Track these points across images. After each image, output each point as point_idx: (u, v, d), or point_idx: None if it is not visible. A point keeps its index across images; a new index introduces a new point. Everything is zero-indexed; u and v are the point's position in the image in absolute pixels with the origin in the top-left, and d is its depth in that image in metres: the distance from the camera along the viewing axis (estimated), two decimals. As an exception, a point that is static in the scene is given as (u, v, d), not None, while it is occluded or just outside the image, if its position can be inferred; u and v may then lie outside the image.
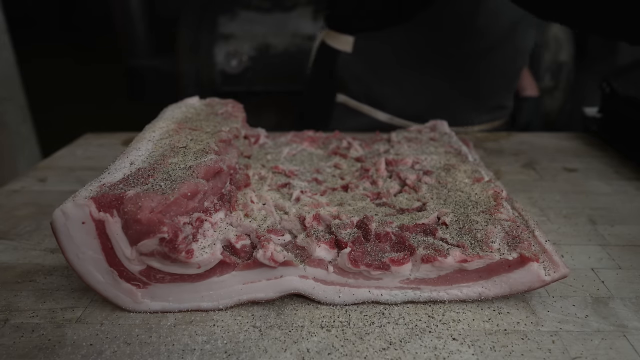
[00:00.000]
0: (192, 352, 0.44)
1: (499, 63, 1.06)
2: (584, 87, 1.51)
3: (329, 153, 0.77)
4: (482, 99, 1.11)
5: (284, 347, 0.44)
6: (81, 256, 0.46)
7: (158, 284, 0.48)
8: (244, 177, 0.62)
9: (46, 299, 0.51)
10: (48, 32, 3.84)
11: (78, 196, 0.45)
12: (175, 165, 0.52)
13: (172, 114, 0.69)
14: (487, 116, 1.14)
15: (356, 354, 0.43)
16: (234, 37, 2.18)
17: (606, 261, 0.58)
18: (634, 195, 0.75)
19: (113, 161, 0.54)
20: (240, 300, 0.49)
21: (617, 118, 0.96)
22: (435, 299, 0.50)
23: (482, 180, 0.62)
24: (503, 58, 1.06)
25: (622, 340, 0.45)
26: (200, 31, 2.18)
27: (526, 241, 0.49)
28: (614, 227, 0.66)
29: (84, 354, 0.44)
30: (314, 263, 0.49)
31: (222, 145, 0.61)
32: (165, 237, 0.44)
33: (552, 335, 0.45)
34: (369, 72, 1.08)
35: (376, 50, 1.06)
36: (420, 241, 0.50)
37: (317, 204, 0.58)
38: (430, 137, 0.79)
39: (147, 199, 0.44)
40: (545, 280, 0.48)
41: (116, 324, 0.47)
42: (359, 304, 0.50)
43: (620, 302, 0.50)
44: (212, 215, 0.50)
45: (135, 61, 2.90)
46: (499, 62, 1.06)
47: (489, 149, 0.96)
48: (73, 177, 0.84)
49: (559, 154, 0.94)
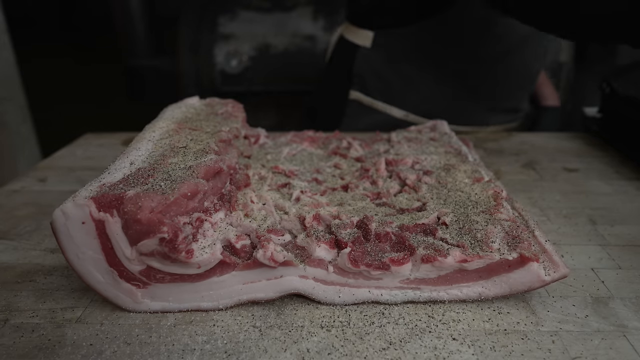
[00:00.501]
0: (192, 352, 0.44)
1: (515, 66, 1.06)
2: (584, 87, 1.51)
3: (329, 153, 0.77)
4: (497, 100, 1.11)
5: (284, 347, 0.44)
6: (81, 256, 0.46)
7: (158, 284, 0.48)
8: (244, 177, 0.62)
9: (46, 299, 0.51)
10: (48, 32, 3.84)
11: (78, 196, 0.45)
12: (175, 165, 0.52)
13: (172, 114, 0.69)
14: (501, 117, 1.14)
15: (356, 354, 0.43)
16: (234, 37, 2.18)
17: (606, 261, 0.58)
18: (635, 195, 0.75)
19: (113, 161, 0.54)
20: (240, 300, 0.49)
21: (617, 118, 0.96)
22: (435, 299, 0.50)
23: (482, 180, 0.62)
24: (521, 61, 1.06)
25: (622, 340, 0.45)
26: (200, 31, 2.18)
27: (526, 241, 0.49)
28: (614, 227, 0.66)
29: (84, 354, 0.44)
30: (314, 263, 0.49)
31: (222, 145, 0.61)
32: (165, 237, 0.44)
33: (552, 335, 0.45)
34: (387, 68, 1.08)
35: (395, 46, 1.06)
36: (420, 241, 0.50)
37: (317, 204, 0.58)
38: (430, 137, 0.79)
39: (147, 199, 0.44)
40: (545, 280, 0.48)
41: (116, 324, 0.47)
42: (359, 304, 0.50)
43: (620, 302, 0.50)
44: (212, 215, 0.50)
45: (135, 61, 2.89)
46: (516, 65, 1.06)
47: (489, 149, 0.96)
48: (73, 177, 0.84)
49: (559, 154, 0.94)
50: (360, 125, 1.04)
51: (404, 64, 1.07)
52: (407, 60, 1.06)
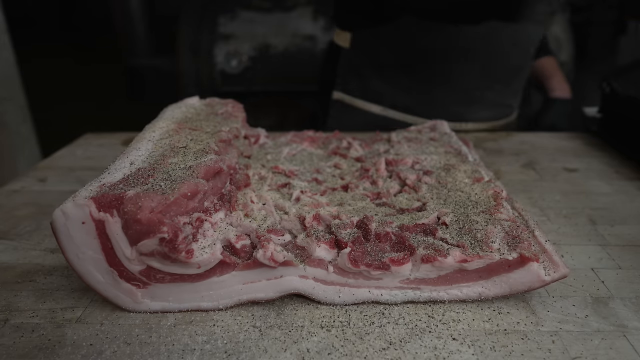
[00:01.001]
0: (192, 352, 0.44)
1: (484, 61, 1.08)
2: (584, 87, 1.51)
3: (329, 153, 0.77)
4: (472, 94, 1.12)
5: (284, 347, 0.44)
6: (81, 256, 0.46)
7: (158, 284, 0.48)
8: (244, 177, 0.62)
9: (46, 299, 0.51)
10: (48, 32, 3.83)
11: (78, 196, 0.45)
12: (175, 165, 0.52)
13: (172, 114, 0.69)
14: (484, 113, 1.14)
15: (356, 354, 0.43)
16: (234, 37, 2.18)
17: (606, 261, 0.58)
18: (634, 195, 0.75)
19: (113, 161, 0.54)
20: (240, 300, 0.49)
21: (617, 118, 0.96)
22: (435, 299, 0.50)
23: (482, 180, 0.62)
24: (488, 56, 1.08)
25: (622, 340, 0.45)
26: (200, 31, 2.18)
27: (526, 241, 0.49)
28: (614, 227, 0.66)
29: (84, 354, 0.44)
30: (314, 263, 0.48)
31: (222, 145, 0.61)
32: (165, 237, 0.44)
33: (552, 335, 0.45)
34: (365, 67, 1.13)
35: (370, 46, 1.11)
36: (420, 241, 0.50)
37: (317, 204, 0.58)
38: (430, 137, 0.79)
39: (147, 199, 0.44)
40: (545, 280, 0.48)
41: (116, 324, 0.47)
42: (359, 304, 0.50)
43: (620, 302, 0.50)
44: (212, 215, 0.50)
45: (135, 61, 2.89)
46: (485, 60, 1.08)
47: (489, 149, 0.96)
48: (73, 177, 0.84)
49: (559, 154, 0.94)
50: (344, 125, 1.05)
51: (379, 62, 1.11)
52: (381, 59, 1.11)
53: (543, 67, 1.27)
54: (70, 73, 3.35)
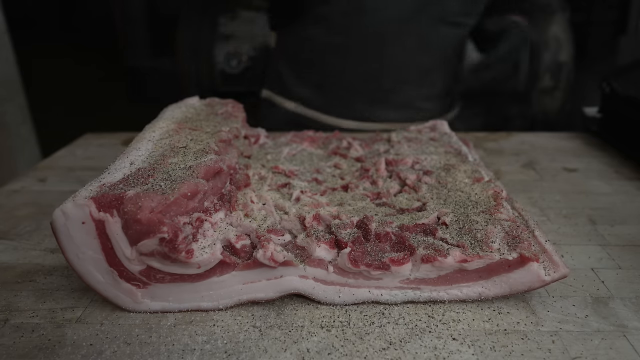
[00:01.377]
0: (192, 352, 0.44)
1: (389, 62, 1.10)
2: (584, 87, 1.51)
3: (329, 153, 0.77)
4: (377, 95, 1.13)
5: (284, 347, 0.44)
6: (81, 256, 0.46)
7: (158, 284, 0.48)
8: (244, 177, 0.62)
9: (46, 299, 0.51)
10: (48, 32, 3.83)
11: (78, 196, 0.45)
12: (175, 165, 0.52)
13: (172, 114, 0.69)
14: (396, 114, 1.14)
15: (356, 354, 0.43)
16: (234, 37, 2.18)
17: (606, 261, 0.58)
18: (634, 195, 0.75)
19: (113, 161, 0.54)
20: (240, 300, 0.49)
21: (617, 118, 0.96)
22: (435, 299, 0.50)
23: (482, 180, 0.62)
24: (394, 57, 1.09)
25: (622, 340, 0.45)
26: (200, 31, 2.17)
27: (526, 241, 0.49)
28: (614, 227, 0.66)
29: (84, 354, 0.44)
30: (314, 263, 0.49)
31: (222, 145, 0.61)
32: (165, 237, 0.44)
33: (552, 335, 0.45)
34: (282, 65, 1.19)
35: (285, 44, 1.19)
36: (420, 241, 0.50)
37: (317, 204, 0.58)
38: (430, 137, 0.79)
39: (147, 199, 0.44)
40: (545, 280, 0.48)
41: (116, 324, 0.47)
42: (359, 304, 0.50)
43: (620, 302, 0.50)
44: (212, 215, 0.50)
45: (135, 61, 2.89)
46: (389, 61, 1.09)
47: (489, 149, 0.96)
48: (73, 177, 0.84)
49: (559, 154, 0.94)
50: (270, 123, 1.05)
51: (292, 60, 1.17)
52: (294, 56, 1.16)
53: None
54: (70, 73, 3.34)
